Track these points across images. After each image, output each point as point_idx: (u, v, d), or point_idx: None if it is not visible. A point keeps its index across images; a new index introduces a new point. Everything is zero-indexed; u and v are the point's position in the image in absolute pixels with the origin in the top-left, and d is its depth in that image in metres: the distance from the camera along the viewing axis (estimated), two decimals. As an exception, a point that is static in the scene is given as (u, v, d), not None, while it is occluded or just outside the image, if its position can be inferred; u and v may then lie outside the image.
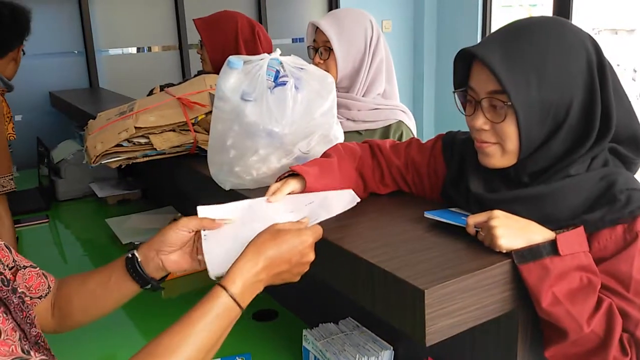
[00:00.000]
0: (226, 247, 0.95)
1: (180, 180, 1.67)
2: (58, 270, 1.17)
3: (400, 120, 1.82)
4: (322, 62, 1.80)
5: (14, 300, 0.82)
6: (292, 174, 1.11)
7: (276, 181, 1.10)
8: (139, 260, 1.01)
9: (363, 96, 1.82)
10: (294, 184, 1.07)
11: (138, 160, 1.56)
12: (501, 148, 0.95)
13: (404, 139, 1.78)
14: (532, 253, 0.85)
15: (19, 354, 0.68)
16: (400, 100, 1.92)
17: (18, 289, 0.86)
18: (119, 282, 1.02)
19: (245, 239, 0.89)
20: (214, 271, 0.94)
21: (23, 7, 2.09)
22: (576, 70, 0.91)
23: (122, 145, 1.53)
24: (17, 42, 2.11)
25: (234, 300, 0.81)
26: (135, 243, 1.90)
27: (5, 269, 0.88)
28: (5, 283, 0.83)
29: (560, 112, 0.91)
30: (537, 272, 0.84)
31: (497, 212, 0.89)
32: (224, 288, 0.81)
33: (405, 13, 4.95)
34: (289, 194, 1.07)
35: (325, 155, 1.20)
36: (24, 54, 2.21)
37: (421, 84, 5.05)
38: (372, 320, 1.21)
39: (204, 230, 0.98)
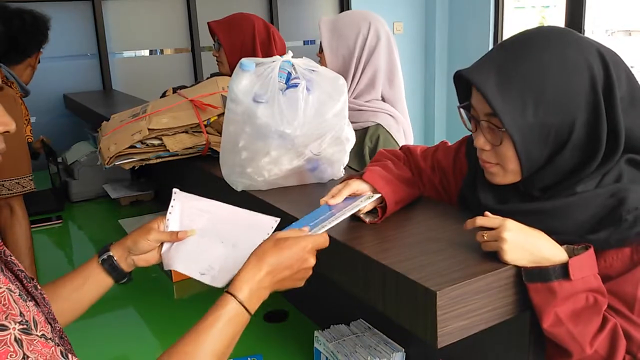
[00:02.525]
0: (186, 250, 1.09)
1: (193, 182, 1.68)
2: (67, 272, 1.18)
3: (378, 124, 1.79)
4: (319, 57, 1.84)
5: (38, 296, 0.86)
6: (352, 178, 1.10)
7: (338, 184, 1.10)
8: (115, 259, 1.08)
9: (355, 98, 1.81)
10: (356, 185, 1.07)
11: (151, 162, 1.57)
12: (502, 168, 0.94)
13: (380, 143, 1.77)
14: (541, 275, 0.83)
15: (58, 356, 0.71)
16: (411, 103, 1.91)
17: (37, 286, 0.89)
18: (95, 282, 1.08)
19: (203, 247, 1.06)
20: (168, 266, 1.09)
21: (43, 15, 2.12)
22: (578, 90, 0.87)
23: (135, 147, 1.55)
24: (35, 49, 2.14)
25: (243, 306, 0.84)
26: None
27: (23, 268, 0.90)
28: (29, 280, 0.87)
29: (563, 132, 0.88)
30: (543, 294, 0.83)
31: (510, 225, 0.85)
32: (232, 295, 0.84)
33: (417, 15, 4.93)
34: (351, 195, 1.06)
35: (375, 160, 1.21)
36: (38, 62, 2.24)
37: (432, 86, 5.03)
38: (383, 322, 1.21)
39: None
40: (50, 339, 0.72)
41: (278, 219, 1.05)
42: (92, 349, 1.38)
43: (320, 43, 1.83)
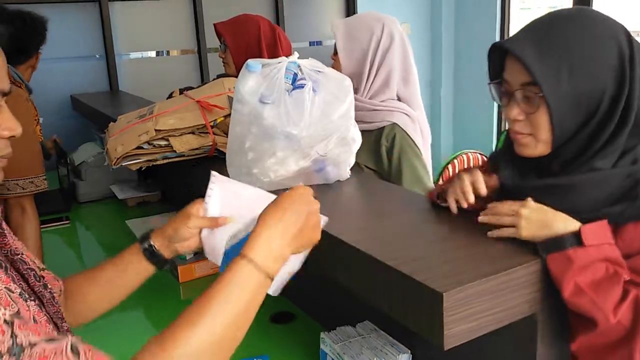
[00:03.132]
0: (227, 237, 1.03)
1: (199, 183, 1.68)
2: (75, 273, 1.17)
3: (394, 123, 1.80)
4: (333, 60, 1.85)
5: (46, 295, 0.86)
6: None
7: None
8: (156, 247, 1.07)
9: (370, 98, 1.82)
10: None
11: (158, 163, 1.57)
12: (535, 139, 0.97)
13: (397, 142, 1.78)
14: (555, 244, 0.87)
15: (53, 335, 0.71)
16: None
17: (48, 284, 0.90)
18: (137, 269, 1.07)
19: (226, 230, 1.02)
20: (209, 253, 1.07)
21: (41, 16, 2.14)
22: (607, 61, 0.92)
23: (142, 148, 1.55)
24: (34, 50, 2.17)
25: (256, 266, 0.79)
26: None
27: (36, 267, 0.91)
28: (38, 279, 0.87)
29: (592, 102, 0.92)
30: (560, 263, 0.86)
31: (527, 203, 0.92)
32: (243, 256, 0.80)
33: (423, 16, 4.92)
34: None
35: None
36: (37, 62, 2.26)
37: (439, 87, 5.02)
38: (390, 323, 1.21)
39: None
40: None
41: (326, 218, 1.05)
42: (100, 349, 1.39)
43: (335, 45, 1.84)
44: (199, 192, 1.11)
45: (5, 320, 0.65)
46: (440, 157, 4.77)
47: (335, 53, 1.84)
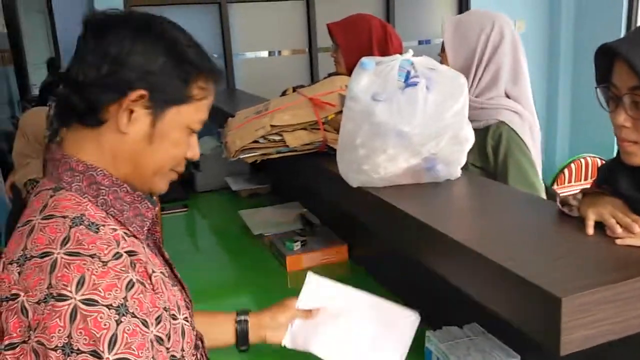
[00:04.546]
0: (316, 331, 1.21)
1: (309, 177, 1.74)
2: (190, 259, 1.27)
3: (500, 121, 1.73)
4: (441, 57, 1.83)
5: (182, 281, 0.97)
6: None
7: None
8: (249, 325, 1.19)
9: (476, 97, 1.78)
10: None
11: (272, 157, 1.65)
12: None
13: (503, 141, 1.72)
14: None
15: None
16: (533, 103, 1.84)
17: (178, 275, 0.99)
18: (220, 332, 1.18)
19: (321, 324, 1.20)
20: (287, 343, 1.21)
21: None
22: None
23: (258, 142, 1.63)
24: None
25: None
26: (265, 234, 2.01)
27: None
28: (174, 267, 0.97)
29: None
30: None
31: None
32: None
33: (540, 12, 4.69)
34: None
35: None
36: None
37: (556, 87, 4.75)
38: (498, 328, 1.18)
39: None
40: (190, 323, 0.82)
41: (418, 315, 1.19)
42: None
43: (442, 42, 1.82)
44: (306, 185, 1.16)
45: (165, 308, 0.77)
46: (555, 161, 4.52)
47: (443, 50, 1.82)
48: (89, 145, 0.83)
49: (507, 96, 1.81)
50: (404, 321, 1.23)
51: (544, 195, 1.73)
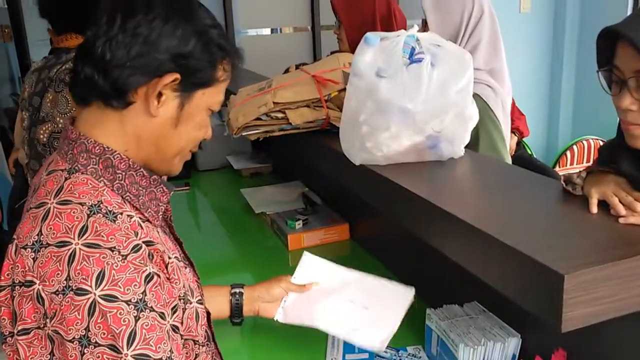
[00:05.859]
0: (308, 305, 1.24)
1: (311, 155, 1.73)
2: (192, 236, 1.28)
3: (475, 93, 1.73)
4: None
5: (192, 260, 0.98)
6: None
7: None
8: (243, 298, 1.21)
9: None
10: None
11: (275, 134, 1.64)
12: None
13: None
14: None
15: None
16: (535, 86, 1.86)
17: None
18: (216, 305, 1.18)
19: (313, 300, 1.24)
20: (279, 317, 1.24)
21: None
22: None
23: (260, 119, 1.62)
24: None
25: None
26: (267, 213, 2.02)
27: None
28: (182, 244, 0.98)
29: None
30: None
31: None
32: None
33: (546, -8, 4.63)
34: None
35: None
36: None
37: (560, 67, 4.70)
38: (499, 306, 1.18)
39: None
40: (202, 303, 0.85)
41: (412, 290, 1.23)
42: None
43: (423, 21, 1.82)
44: (308, 163, 1.16)
45: (180, 297, 0.78)
46: (557, 142, 4.49)
47: (425, 25, 1.82)
48: (110, 126, 0.82)
49: (489, 69, 1.83)
50: (398, 296, 1.25)
51: None
